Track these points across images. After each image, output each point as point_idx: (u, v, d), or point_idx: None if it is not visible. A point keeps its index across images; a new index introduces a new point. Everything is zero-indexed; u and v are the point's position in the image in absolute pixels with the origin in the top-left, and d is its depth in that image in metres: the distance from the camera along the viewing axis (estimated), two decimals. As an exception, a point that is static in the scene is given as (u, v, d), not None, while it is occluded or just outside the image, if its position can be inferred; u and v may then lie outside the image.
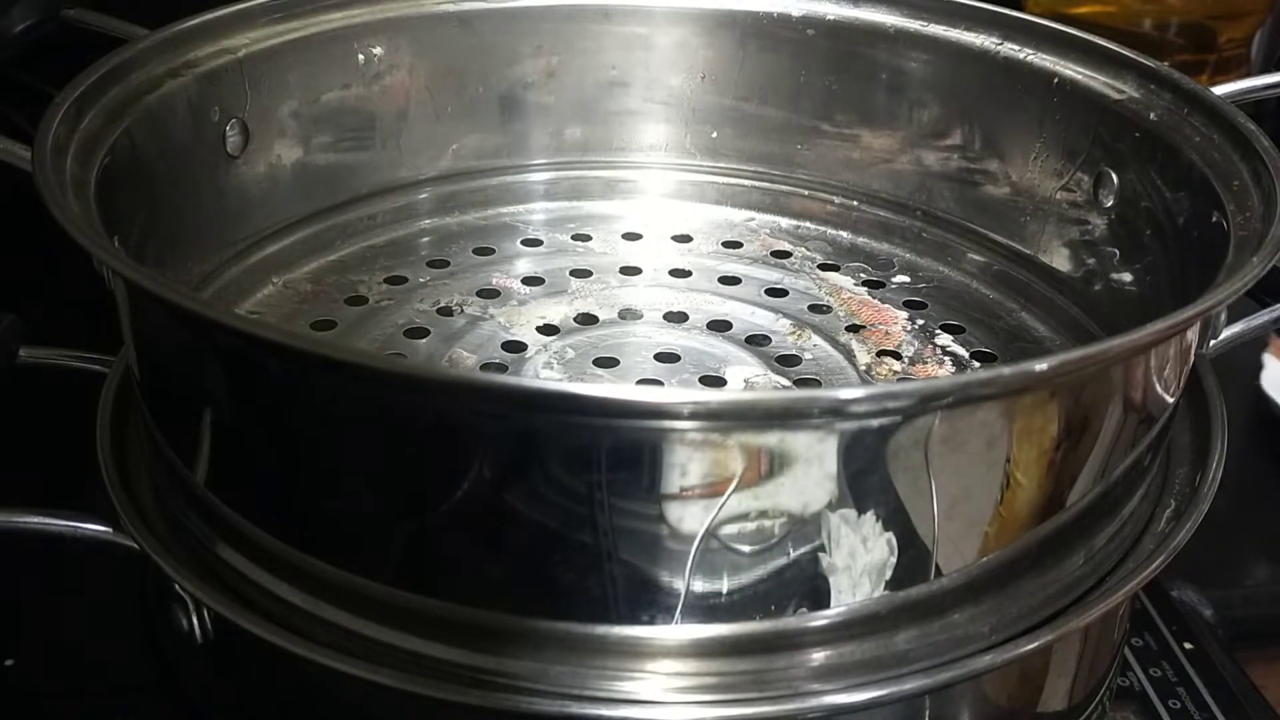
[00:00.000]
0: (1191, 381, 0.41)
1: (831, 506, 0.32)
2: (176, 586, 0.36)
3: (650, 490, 0.31)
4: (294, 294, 0.50)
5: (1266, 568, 0.42)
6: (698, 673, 0.33)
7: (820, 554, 0.32)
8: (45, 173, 0.34)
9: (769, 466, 0.31)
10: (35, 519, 0.38)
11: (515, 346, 0.47)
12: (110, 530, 0.38)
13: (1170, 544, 0.36)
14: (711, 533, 0.31)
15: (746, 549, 0.32)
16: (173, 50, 0.45)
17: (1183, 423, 0.41)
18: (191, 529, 0.37)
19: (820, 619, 0.33)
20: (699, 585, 0.32)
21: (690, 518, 0.31)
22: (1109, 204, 0.47)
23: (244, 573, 0.36)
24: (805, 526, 0.32)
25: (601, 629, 0.33)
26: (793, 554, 0.32)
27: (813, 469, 0.31)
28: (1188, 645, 0.43)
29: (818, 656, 0.34)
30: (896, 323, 0.50)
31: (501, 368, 0.46)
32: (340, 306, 0.49)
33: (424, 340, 0.48)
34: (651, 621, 0.33)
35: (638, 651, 0.33)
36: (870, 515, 0.32)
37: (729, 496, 0.31)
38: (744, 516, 0.31)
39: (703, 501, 0.31)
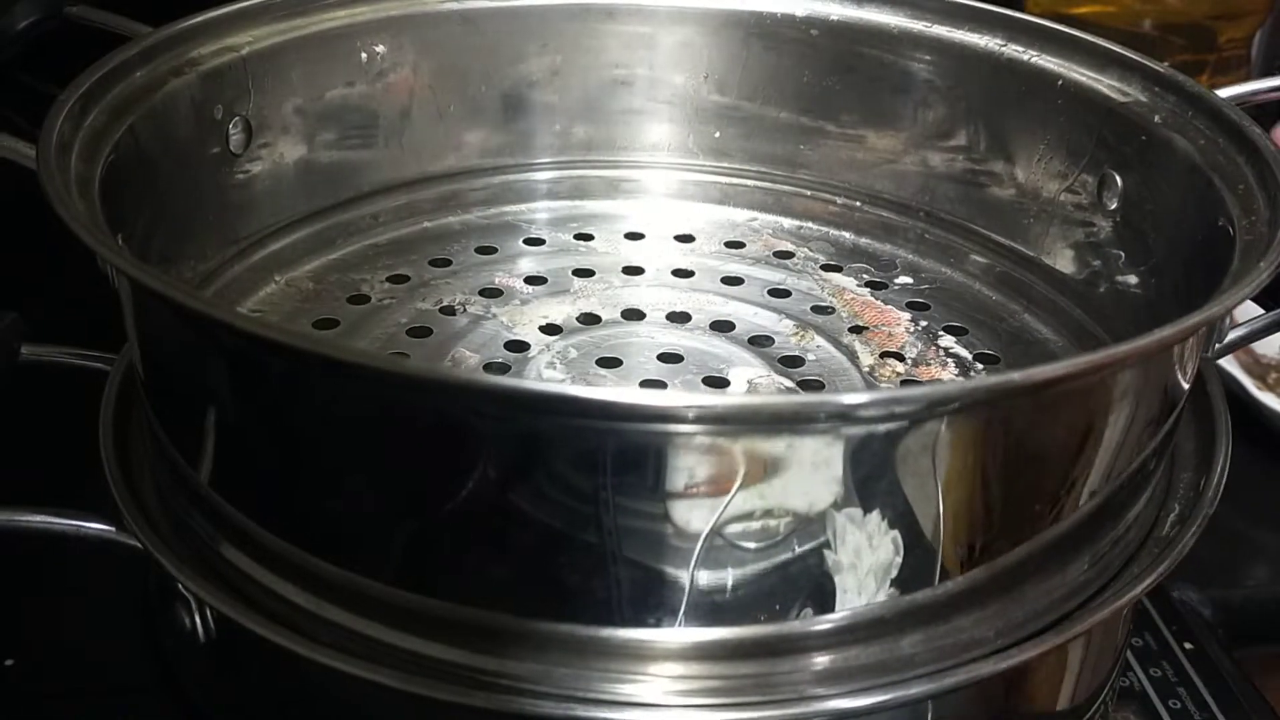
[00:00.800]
0: (1196, 385, 0.41)
1: (837, 509, 0.32)
2: (179, 586, 0.36)
3: (655, 493, 0.31)
4: (296, 292, 0.50)
5: (1266, 568, 0.42)
6: (701, 676, 0.33)
7: (825, 558, 0.32)
8: (50, 171, 0.34)
9: (773, 470, 0.31)
10: (38, 518, 0.38)
11: (518, 346, 0.47)
12: (113, 529, 0.38)
13: (1174, 549, 0.36)
14: (715, 536, 0.31)
15: (751, 552, 0.32)
16: (176, 48, 0.45)
17: (1187, 427, 0.41)
18: (194, 528, 0.37)
19: (825, 623, 0.33)
20: (702, 588, 0.32)
21: (694, 521, 0.31)
22: (1113, 206, 0.47)
23: (247, 572, 0.36)
24: (810, 529, 0.32)
25: (605, 631, 0.33)
26: (797, 557, 0.32)
27: (818, 472, 0.31)
28: (1188, 645, 0.43)
29: (822, 660, 0.34)
30: (899, 324, 0.50)
31: (504, 368, 0.46)
32: (342, 305, 0.49)
33: (427, 339, 0.47)
34: (655, 624, 0.33)
35: (641, 654, 0.33)
36: (875, 518, 0.32)
37: (732, 499, 0.31)
38: (748, 519, 0.31)
39: (707, 504, 0.31)
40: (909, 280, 0.53)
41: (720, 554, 0.32)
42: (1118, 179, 0.47)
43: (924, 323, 0.50)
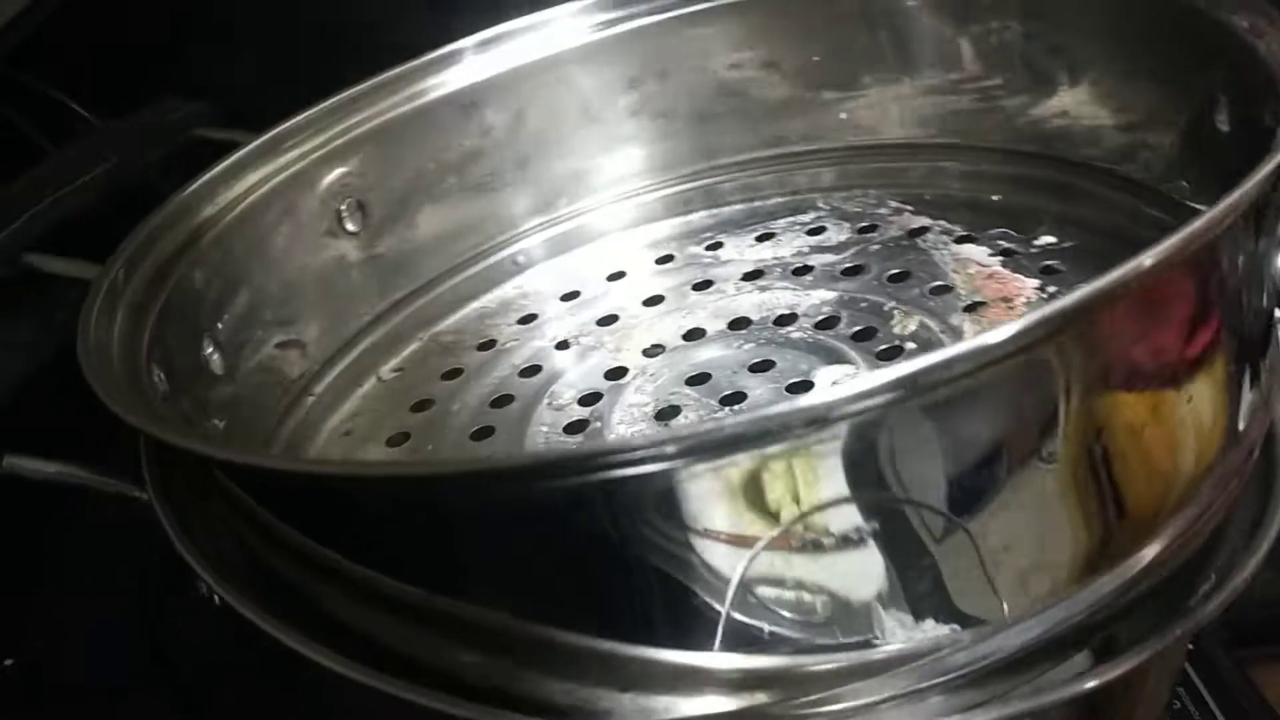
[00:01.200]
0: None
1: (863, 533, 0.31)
2: (191, 572, 0.37)
3: (679, 528, 0.31)
4: (436, 347, 0.52)
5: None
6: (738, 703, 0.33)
7: (865, 585, 0.32)
8: (86, 336, 0.38)
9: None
10: (73, 469, 0.39)
11: (617, 373, 0.48)
12: (135, 489, 0.38)
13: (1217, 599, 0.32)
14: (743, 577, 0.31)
15: (785, 580, 0.32)
16: (271, 150, 0.49)
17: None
18: (220, 514, 0.38)
19: (867, 655, 0.32)
20: (737, 618, 0.32)
21: (717, 558, 0.31)
22: (1225, 129, 0.41)
23: (267, 566, 0.37)
24: (838, 556, 0.31)
25: (647, 652, 0.33)
26: (836, 583, 0.32)
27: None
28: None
29: (862, 687, 0.32)
30: (1022, 295, 0.46)
31: (597, 396, 0.46)
32: (471, 353, 0.51)
33: (534, 378, 0.49)
34: (693, 649, 0.32)
35: (681, 676, 0.33)
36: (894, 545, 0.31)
37: (757, 535, 0.31)
38: (770, 550, 0.31)
39: (725, 539, 0.31)
40: (1052, 240, 0.48)
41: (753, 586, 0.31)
42: (1223, 97, 0.41)
43: (1053, 288, 0.46)
